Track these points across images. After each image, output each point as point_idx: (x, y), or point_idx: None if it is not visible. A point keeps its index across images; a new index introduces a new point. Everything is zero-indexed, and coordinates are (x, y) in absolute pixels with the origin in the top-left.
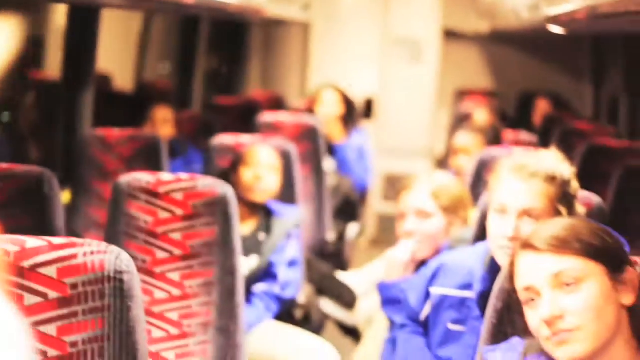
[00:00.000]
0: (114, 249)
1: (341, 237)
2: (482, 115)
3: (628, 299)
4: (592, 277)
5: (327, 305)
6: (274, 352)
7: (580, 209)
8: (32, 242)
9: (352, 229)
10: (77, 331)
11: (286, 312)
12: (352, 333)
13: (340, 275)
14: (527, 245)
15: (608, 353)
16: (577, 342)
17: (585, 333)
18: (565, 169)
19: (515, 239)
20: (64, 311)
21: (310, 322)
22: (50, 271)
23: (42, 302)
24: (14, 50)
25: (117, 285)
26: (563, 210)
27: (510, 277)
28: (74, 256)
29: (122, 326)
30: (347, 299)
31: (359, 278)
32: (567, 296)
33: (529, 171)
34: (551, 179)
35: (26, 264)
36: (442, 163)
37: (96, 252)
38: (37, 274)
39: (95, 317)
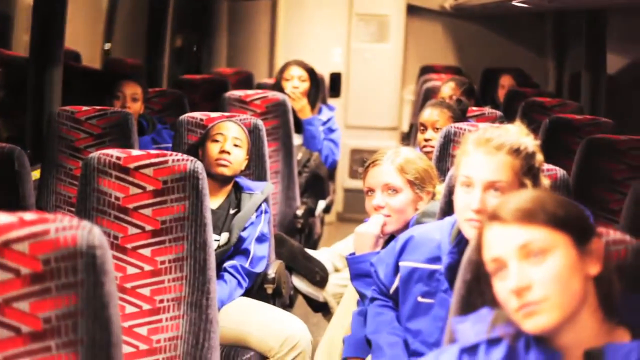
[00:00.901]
0: (86, 224)
1: (310, 212)
2: (448, 88)
3: (594, 269)
4: (557, 247)
5: (298, 281)
6: (245, 327)
7: (546, 181)
8: (3, 218)
9: (320, 204)
10: (50, 307)
11: (257, 288)
12: (322, 308)
13: (310, 251)
14: (493, 217)
15: (575, 323)
16: (545, 313)
17: (552, 303)
18: (529, 142)
19: (481, 211)
20: (37, 287)
21: (281, 297)
22: (23, 247)
23: (15, 279)
24: None
25: (90, 261)
26: (528, 182)
27: (478, 249)
28: (46, 232)
29: (96, 301)
30: (317, 275)
31: (328, 253)
32: (533, 267)
33: (494, 144)
34: (516, 151)
35: None
36: (407, 138)
37: (68, 228)
38: (9, 250)
39: (69, 292)
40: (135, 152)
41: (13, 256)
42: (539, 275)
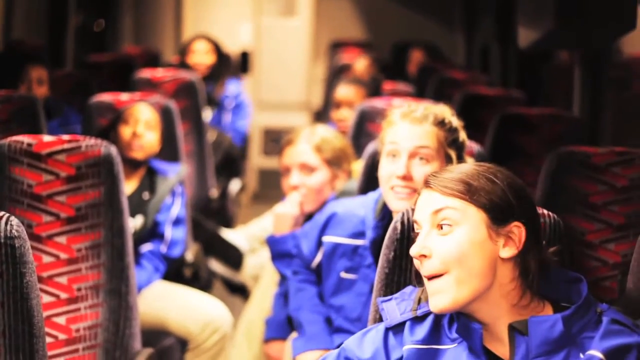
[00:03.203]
0: (3, 214)
1: (224, 193)
2: (361, 65)
3: (506, 252)
4: (467, 222)
5: (214, 264)
6: (165, 312)
7: (469, 161)
8: None
9: (234, 185)
10: None
11: (174, 271)
12: (240, 290)
13: (226, 233)
14: (425, 183)
15: (485, 302)
16: (444, 291)
17: (449, 280)
18: (453, 118)
19: (406, 177)
20: None
21: (199, 280)
22: None
23: None
24: None
25: (9, 252)
26: (453, 154)
27: (413, 212)
28: None
29: (17, 293)
30: (233, 257)
31: (244, 235)
32: (438, 237)
33: (419, 115)
34: (440, 123)
35: None
36: (321, 115)
37: None
38: None
39: None
40: (47, 137)
41: None
42: (439, 246)
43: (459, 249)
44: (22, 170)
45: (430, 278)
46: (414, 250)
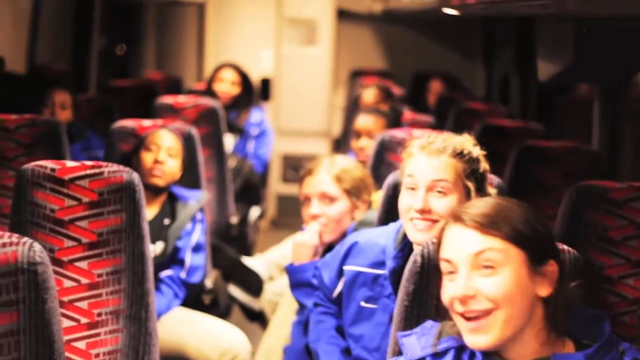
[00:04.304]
0: (27, 240)
1: (244, 220)
2: (370, 94)
3: (544, 291)
4: (510, 263)
5: (234, 290)
6: (183, 338)
7: (492, 190)
8: None
9: (254, 211)
10: None
11: (194, 298)
12: (258, 317)
13: (246, 260)
14: (456, 217)
15: (518, 341)
16: (487, 332)
17: (495, 320)
18: (474, 149)
19: (424, 211)
20: None
21: (218, 307)
22: None
23: None
24: None
25: (31, 278)
26: (471, 185)
27: (438, 245)
28: None
29: (38, 319)
30: (253, 284)
31: (264, 262)
32: (482, 278)
33: (437, 147)
34: (459, 154)
35: None
36: (340, 143)
37: (8, 244)
38: None
39: (10, 310)
40: (70, 163)
41: None
42: (486, 287)
43: (507, 288)
44: (45, 195)
45: (474, 317)
46: (458, 292)
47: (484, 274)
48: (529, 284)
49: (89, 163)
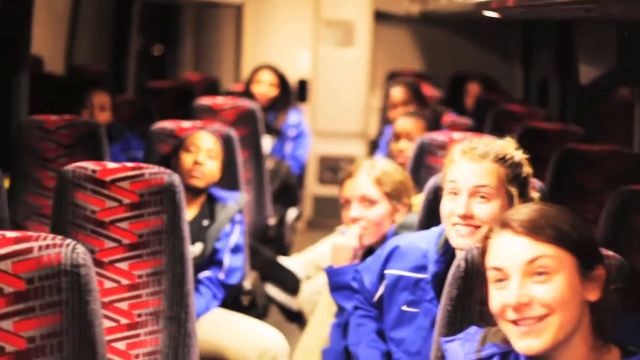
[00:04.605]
0: (70, 242)
1: (281, 221)
2: (397, 93)
3: (593, 296)
4: (563, 269)
5: (272, 291)
6: (222, 340)
7: (535, 194)
8: None
9: (291, 213)
10: (34, 326)
11: (232, 299)
12: (296, 318)
13: (283, 260)
14: (504, 224)
15: (567, 346)
16: (539, 336)
17: (548, 324)
18: (517, 153)
19: (467, 216)
20: (21, 306)
21: (256, 308)
22: (6, 266)
23: None
24: None
25: (74, 279)
26: (514, 191)
27: (482, 253)
28: (29, 250)
29: (81, 320)
30: (291, 284)
31: (301, 261)
32: (536, 285)
33: (479, 152)
34: (501, 159)
35: None
36: (376, 144)
37: (52, 246)
38: None
39: (53, 311)
40: (111, 164)
41: None
42: (541, 294)
43: (561, 294)
44: (85, 196)
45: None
46: (511, 299)
47: (538, 281)
48: (580, 289)
49: (129, 164)
